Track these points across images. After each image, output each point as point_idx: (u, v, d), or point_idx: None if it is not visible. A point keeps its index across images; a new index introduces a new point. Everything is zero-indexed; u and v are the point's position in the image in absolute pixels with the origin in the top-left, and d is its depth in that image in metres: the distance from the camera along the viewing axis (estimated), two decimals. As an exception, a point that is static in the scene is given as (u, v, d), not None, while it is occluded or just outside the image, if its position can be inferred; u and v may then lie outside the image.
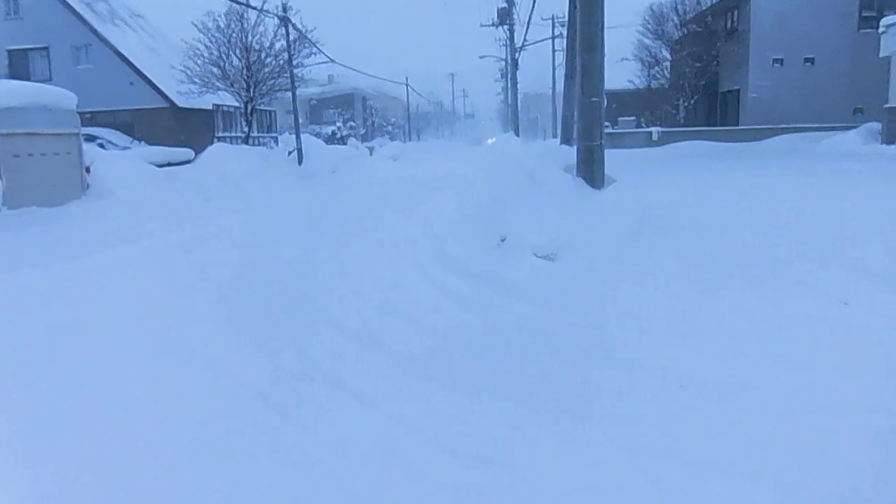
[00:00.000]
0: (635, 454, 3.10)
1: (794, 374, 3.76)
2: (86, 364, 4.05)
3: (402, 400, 3.78)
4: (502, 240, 7.08)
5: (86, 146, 15.97)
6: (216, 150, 21.01)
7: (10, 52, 26.64)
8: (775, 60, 23.36)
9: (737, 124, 24.27)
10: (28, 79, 22.43)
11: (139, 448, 3.23)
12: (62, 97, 15.09)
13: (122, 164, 17.13)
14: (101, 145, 20.75)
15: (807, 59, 23.15)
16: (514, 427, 3.42)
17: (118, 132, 24.38)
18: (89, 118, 21.56)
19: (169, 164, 20.22)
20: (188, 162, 21.21)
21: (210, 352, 4.61)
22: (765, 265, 5.54)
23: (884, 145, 16.01)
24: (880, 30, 17.30)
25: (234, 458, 3.18)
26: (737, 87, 24.72)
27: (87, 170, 15.36)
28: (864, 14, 22.47)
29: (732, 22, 25.20)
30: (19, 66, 26.48)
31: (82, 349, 4.30)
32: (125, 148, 21.95)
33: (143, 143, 24.32)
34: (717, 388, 3.69)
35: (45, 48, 26.75)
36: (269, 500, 2.89)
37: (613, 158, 8.96)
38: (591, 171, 8.05)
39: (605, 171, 8.16)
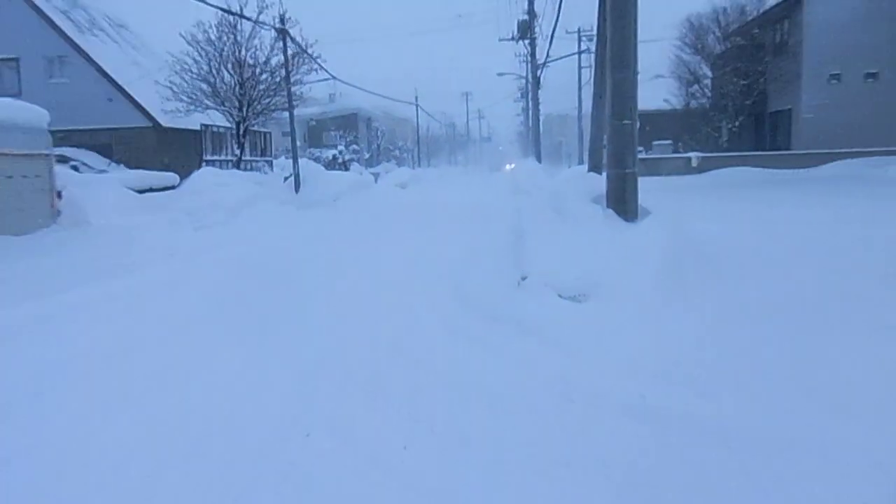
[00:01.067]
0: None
1: (854, 433, 3.76)
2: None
3: (411, 465, 3.79)
4: (523, 278, 7.14)
5: (58, 169, 16.24)
6: (204, 174, 21.27)
7: (-26, 63, 27.23)
8: (832, 76, 23.35)
9: (788, 148, 24.29)
10: (-5, 93, 22.91)
11: None
12: (32, 114, 15.37)
13: (98, 189, 17.42)
14: (76, 168, 21.16)
15: (868, 75, 23.13)
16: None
17: (94, 154, 24.82)
18: (63, 138, 21.92)
19: (150, 190, 20.51)
20: (172, 188, 21.51)
21: (208, 407, 4.70)
22: (824, 305, 5.53)
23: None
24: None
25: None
26: (788, 107, 24.81)
27: (59, 195, 15.60)
28: (934, 23, 22.45)
29: (782, 34, 25.35)
30: (-16, 79, 27.05)
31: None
32: (102, 171, 22.35)
33: (121, 165, 24.72)
34: (769, 447, 3.70)
35: (15, 59, 27.20)
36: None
37: (648, 187, 9.02)
38: (622, 201, 8.11)
39: (639, 202, 8.22)
